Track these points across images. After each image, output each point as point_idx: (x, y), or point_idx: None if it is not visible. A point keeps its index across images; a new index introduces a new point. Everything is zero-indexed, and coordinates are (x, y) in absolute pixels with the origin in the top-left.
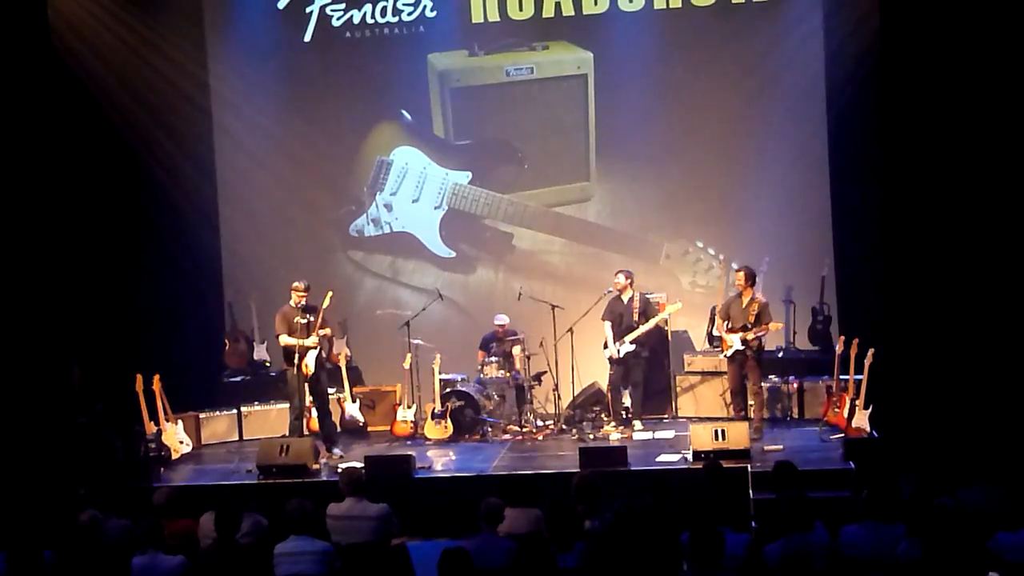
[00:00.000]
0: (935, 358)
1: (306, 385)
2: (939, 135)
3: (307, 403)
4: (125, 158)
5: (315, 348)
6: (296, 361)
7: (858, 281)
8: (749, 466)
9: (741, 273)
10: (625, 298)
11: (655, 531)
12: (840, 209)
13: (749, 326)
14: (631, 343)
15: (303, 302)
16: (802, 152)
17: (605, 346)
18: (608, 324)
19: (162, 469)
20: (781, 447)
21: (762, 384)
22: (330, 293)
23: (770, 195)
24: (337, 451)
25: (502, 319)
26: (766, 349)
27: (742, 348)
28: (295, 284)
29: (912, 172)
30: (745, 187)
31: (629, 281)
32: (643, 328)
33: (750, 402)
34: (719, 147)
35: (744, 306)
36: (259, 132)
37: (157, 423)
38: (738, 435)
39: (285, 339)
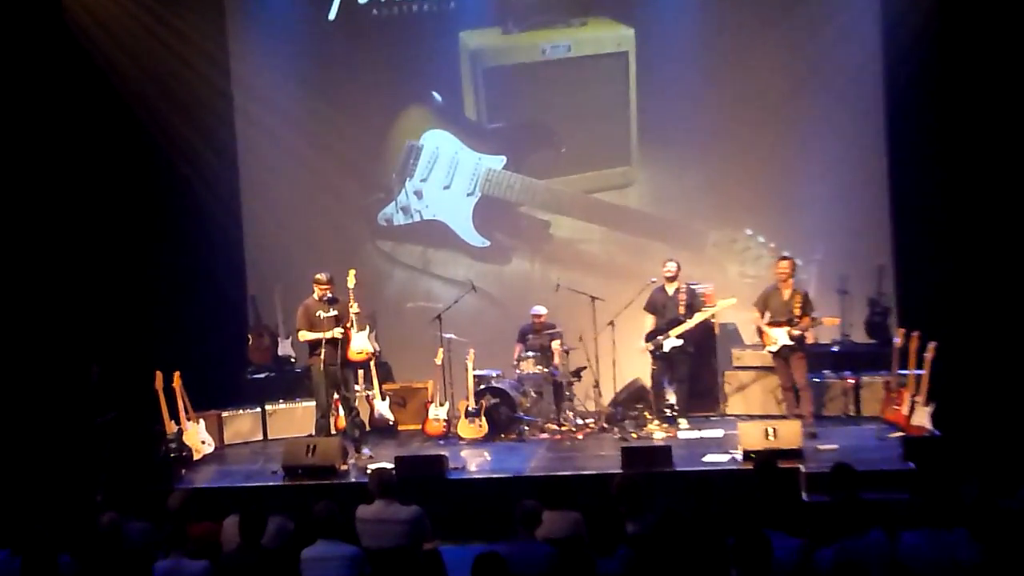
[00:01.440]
0: (1001, 351)
1: (355, 374)
2: (1005, 116)
3: (334, 400)
4: (142, 145)
5: (358, 330)
6: (324, 355)
7: (918, 270)
8: (802, 466)
9: (786, 263)
10: (671, 289)
11: (701, 535)
12: (898, 194)
13: (795, 319)
14: (678, 338)
15: (328, 294)
16: (857, 134)
17: (647, 340)
18: (651, 318)
19: (183, 470)
20: (836, 447)
21: (809, 378)
22: (353, 271)
23: (823, 180)
24: (366, 451)
25: (540, 310)
26: (820, 342)
27: (791, 343)
28: (317, 276)
29: (975, 155)
30: (797, 171)
31: (678, 271)
32: (693, 322)
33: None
34: (769, 129)
35: (787, 298)
36: (282, 116)
37: (178, 422)
38: (790, 434)
39: (305, 335)
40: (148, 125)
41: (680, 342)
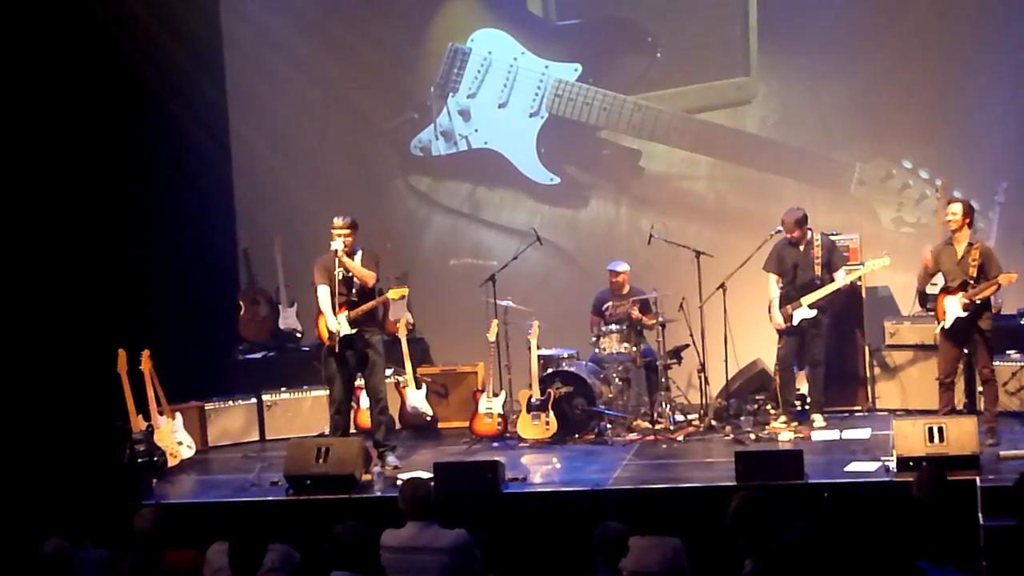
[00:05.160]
0: None
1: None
2: None
3: (356, 389)
4: (96, 48)
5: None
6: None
7: None
8: (978, 479)
9: (958, 206)
10: (802, 244)
11: (843, 569)
12: None
13: (970, 283)
14: (810, 307)
15: (347, 244)
16: None
17: (770, 309)
18: (773, 278)
19: (154, 480)
20: None
21: (995, 365)
22: (405, 290)
23: (1007, 98)
24: (392, 459)
25: (619, 265)
26: (1003, 312)
27: (964, 316)
28: (334, 220)
29: None
30: (971, 86)
31: (804, 226)
32: (829, 288)
33: (979, 389)
34: (934, 30)
35: (960, 255)
36: (283, 9)
37: (147, 417)
38: (963, 436)
39: (322, 291)
40: (106, 19)
41: (813, 313)
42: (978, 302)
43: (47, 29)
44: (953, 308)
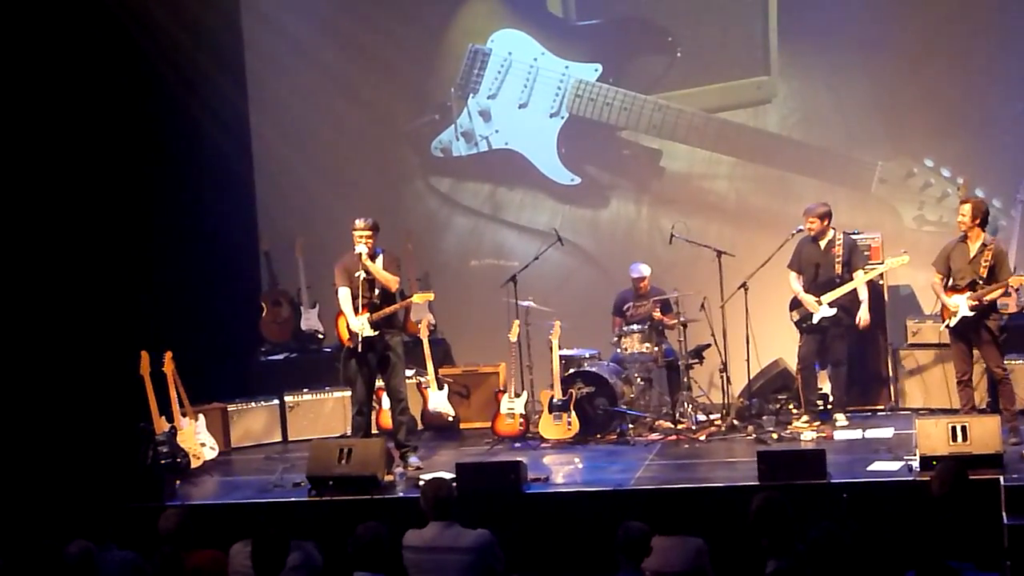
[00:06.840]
0: None
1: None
2: None
3: (376, 390)
4: (118, 50)
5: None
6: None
7: None
8: (1002, 478)
9: (968, 206)
10: (823, 242)
11: (866, 569)
12: None
13: (979, 283)
14: (831, 305)
15: (368, 246)
16: None
17: (792, 307)
18: (794, 277)
19: (177, 482)
20: None
21: (1015, 364)
22: (430, 295)
23: None
24: (414, 460)
25: (642, 269)
26: (1022, 311)
27: (971, 315)
28: (355, 222)
29: None
30: (993, 83)
31: (826, 221)
32: (848, 286)
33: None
34: (956, 27)
35: (972, 254)
36: (304, 12)
37: (170, 419)
38: (986, 434)
39: (343, 293)
40: (126, 22)
41: (834, 311)
42: (985, 303)
43: (68, 33)
44: (962, 307)
